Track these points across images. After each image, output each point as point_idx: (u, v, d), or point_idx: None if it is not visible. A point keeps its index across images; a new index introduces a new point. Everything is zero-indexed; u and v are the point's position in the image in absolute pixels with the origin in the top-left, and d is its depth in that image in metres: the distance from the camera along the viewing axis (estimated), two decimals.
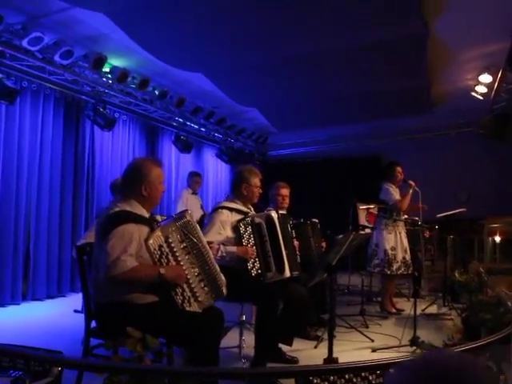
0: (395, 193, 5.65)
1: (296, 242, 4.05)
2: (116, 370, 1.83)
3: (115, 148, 7.62)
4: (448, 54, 6.39)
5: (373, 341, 4.37)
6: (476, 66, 6.80)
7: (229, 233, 3.60)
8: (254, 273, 3.52)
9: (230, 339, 3.90)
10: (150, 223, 2.63)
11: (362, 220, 7.71)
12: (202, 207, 7.46)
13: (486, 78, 6.88)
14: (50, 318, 5.33)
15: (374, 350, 4.08)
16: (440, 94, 7.95)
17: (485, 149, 8.92)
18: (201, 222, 5.24)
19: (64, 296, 6.47)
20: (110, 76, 6.64)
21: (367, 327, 4.93)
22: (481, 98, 7.46)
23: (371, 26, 5.44)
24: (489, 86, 7.12)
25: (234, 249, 3.52)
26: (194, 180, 7.48)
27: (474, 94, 7.39)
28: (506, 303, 3.72)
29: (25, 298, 5.97)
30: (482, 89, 7.23)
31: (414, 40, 5.71)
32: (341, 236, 3.04)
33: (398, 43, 5.78)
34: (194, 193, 7.44)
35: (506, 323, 3.48)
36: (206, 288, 2.64)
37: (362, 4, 4.96)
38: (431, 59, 6.34)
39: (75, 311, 4.99)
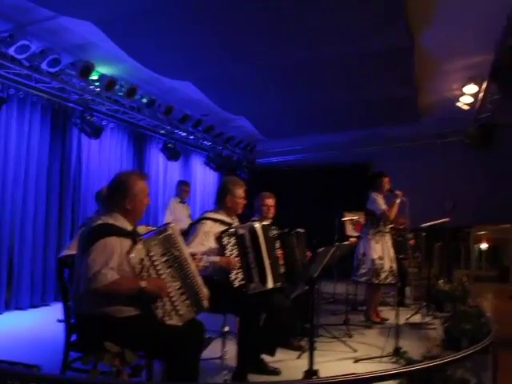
0: (382, 202, 5.69)
1: (280, 253, 4.07)
2: None
3: (102, 156, 7.60)
4: (434, 65, 6.48)
5: (356, 351, 4.39)
6: (461, 76, 6.89)
7: (212, 244, 3.61)
8: (236, 284, 3.53)
9: (212, 350, 3.89)
10: (133, 236, 2.64)
11: (349, 229, 7.77)
12: (190, 216, 7.44)
13: (471, 88, 6.97)
14: (32, 328, 5.27)
15: (356, 361, 4.09)
16: (427, 104, 8.04)
17: (470, 157, 9.04)
18: (189, 230, 5.23)
19: (48, 305, 6.40)
20: (97, 84, 6.64)
21: (351, 337, 4.95)
22: (466, 107, 7.56)
23: (359, 37, 5.50)
24: (474, 96, 7.23)
25: (216, 259, 3.53)
26: (182, 189, 7.46)
27: (459, 104, 7.49)
28: (486, 314, 3.76)
29: (8, 307, 5.90)
30: (467, 99, 7.33)
31: (400, 51, 5.77)
32: (321, 249, 3.05)
33: (385, 54, 5.84)
34: (182, 201, 7.42)
35: (485, 334, 3.52)
36: (187, 301, 2.65)
37: (350, 16, 5.01)
38: (418, 70, 6.41)
39: (58, 320, 4.93)
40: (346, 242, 4.74)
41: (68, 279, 2.79)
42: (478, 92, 7.08)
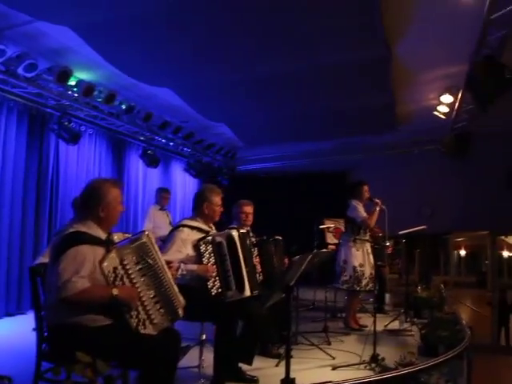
0: (363, 210, 5.75)
1: (257, 260, 4.07)
2: None
3: (81, 162, 7.51)
4: (411, 75, 6.58)
5: (334, 358, 4.40)
6: (438, 86, 7.02)
7: (189, 251, 3.59)
8: (214, 292, 3.52)
9: (190, 358, 3.86)
10: (107, 244, 2.60)
11: (329, 237, 7.81)
12: (171, 223, 7.37)
13: (447, 98, 7.09)
14: (6, 337, 5.17)
15: (334, 368, 4.10)
16: (404, 113, 8.15)
17: (447, 166, 9.19)
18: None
19: (24, 314, 6.27)
20: (75, 89, 6.57)
21: (330, 344, 4.96)
22: (443, 117, 7.69)
23: (337, 48, 5.56)
24: (450, 105, 7.35)
25: (194, 267, 3.52)
26: (162, 196, 7.41)
27: (436, 113, 7.61)
28: (461, 320, 3.81)
29: None
30: (443, 108, 7.46)
31: (377, 61, 5.85)
32: (298, 257, 3.06)
33: (362, 64, 5.91)
34: (162, 209, 7.37)
35: (461, 340, 3.57)
36: (161, 310, 2.62)
37: (327, 27, 5.06)
38: (395, 79, 6.50)
39: (34, 329, 4.85)
40: (324, 250, 4.74)
41: (41, 288, 2.74)
42: (454, 102, 7.22)
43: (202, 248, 3.57)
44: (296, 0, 4.61)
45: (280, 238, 4.77)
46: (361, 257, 5.71)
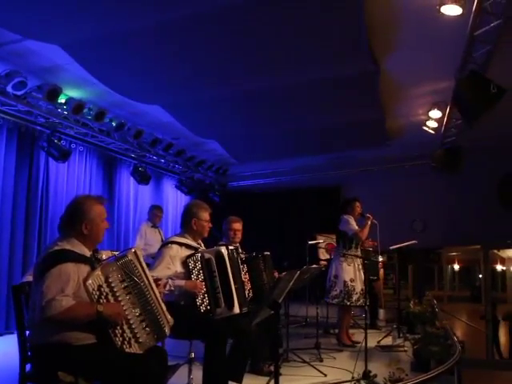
0: (354, 224, 5.76)
1: (246, 277, 4.04)
2: None
3: (71, 180, 7.49)
4: (400, 90, 6.66)
5: (325, 375, 4.34)
6: (426, 101, 7.08)
7: (178, 268, 3.56)
8: (203, 309, 3.48)
9: (179, 377, 3.81)
10: (91, 262, 2.57)
11: (321, 252, 7.80)
12: (163, 240, 7.33)
13: (435, 113, 7.15)
14: None
15: None
16: (395, 128, 8.22)
17: (439, 180, 9.24)
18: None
19: (12, 333, 6.17)
20: (65, 107, 6.58)
21: (321, 361, 4.90)
22: (432, 132, 7.74)
23: (325, 63, 5.62)
24: (439, 120, 7.41)
25: (182, 283, 3.48)
26: (155, 213, 7.37)
27: (425, 128, 7.67)
28: (452, 336, 3.79)
29: None
30: (432, 123, 7.51)
31: (365, 76, 5.91)
32: (284, 274, 3.04)
33: (350, 79, 5.97)
34: (154, 226, 7.33)
35: (452, 355, 3.54)
36: (147, 328, 2.58)
37: (315, 42, 5.12)
38: (384, 94, 6.57)
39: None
40: (313, 266, 4.72)
41: (25, 307, 2.69)
42: (443, 117, 7.28)
43: (191, 265, 3.54)
44: (284, 17, 4.66)
45: (268, 253, 4.75)
46: (352, 272, 5.69)
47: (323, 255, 7.85)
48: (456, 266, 11.98)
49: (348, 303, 5.62)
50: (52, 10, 4.42)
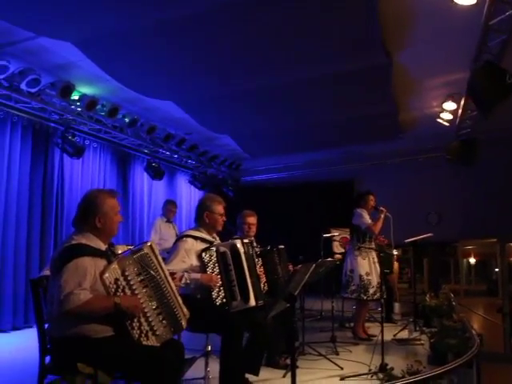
0: (368, 217, 5.73)
1: (261, 270, 4.04)
2: None
3: (85, 176, 7.54)
4: (413, 82, 6.59)
5: (342, 368, 4.33)
6: (440, 93, 7.00)
7: (193, 261, 3.57)
8: (218, 302, 3.48)
9: (195, 370, 3.83)
10: (107, 256, 2.59)
11: (335, 246, 7.77)
12: (177, 235, 7.35)
13: (450, 105, 7.07)
14: (13, 350, 5.17)
15: (342, 378, 4.04)
16: (408, 121, 8.14)
17: (453, 172, 9.13)
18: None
19: (31, 327, 6.25)
20: (78, 104, 6.62)
21: (337, 354, 4.89)
22: (447, 124, 7.66)
23: (337, 57, 5.58)
24: (453, 112, 7.32)
25: (197, 276, 3.49)
26: (169, 208, 7.40)
27: (440, 120, 7.58)
28: (470, 329, 3.75)
29: None
30: (447, 115, 7.43)
31: (378, 70, 5.86)
32: (300, 266, 3.03)
33: (363, 72, 5.92)
34: (169, 221, 7.35)
35: (470, 348, 3.51)
36: (164, 321, 2.59)
37: (328, 36, 5.08)
38: (397, 87, 6.51)
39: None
40: (328, 259, 4.70)
41: (43, 300, 2.72)
42: (457, 108, 7.19)
43: (206, 258, 3.54)
44: (297, 10, 4.63)
45: (283, 246, 4.74)
46: (367, 265, 5.66)
47: (337, 249, 7.82)
48: (472, 260, 11.83)
49: (365, 297, 5.60)
50: (64, 7, 4.43)
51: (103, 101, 6.83)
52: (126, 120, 7.39)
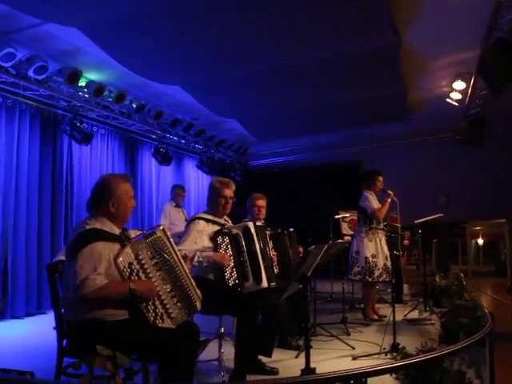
0: (374, 201, 5.69)
1: (274, 253, 4.06)
2: None
3: (94, 162, 7.58)
4: (421, 62, 6.51)
5: (354, 348, 4.37)
6: (449, 73, 6.93)
7: (205, 243, 3.59)
8: (231, 283, 3.51)
9: (209, 352, 3.88)
10: (121, 240, 2.60)
11: (344, 227, 7.77)
12: (186, 220, 7.38)
13: (459, 84, 7.00)
14: (28, 336, 5.24)
15: (354, 358, 4.08)
16: (416, 101, 8.07)
17: (462, 153, 9.07)
18: None
19: (44, 313, 6.34)
20: (86, 90, 6.62)
21: (349, 335, 4.93)
22: (456, 104, 7.58)
23: (345, 37, 5.52)
24: (463, 92, 7.25)
25: (210, 253, 3.50)
26: (177, 193, 7.42)
27: (449, 100, 7.51)
28: (482, 307, 3.76)
29: (3, 316, 5.87)
30: (456, 95, 7.35)
31: (386, 49, 5.80)
32: (313, 247, 3.04)
33: (371, 53, 5.87)
34: (178, 206, 7.37)
35: (482, 327, 3.51)
36: (178, 304, 2.61)
37: (336, 16, 5.03)
38: (405, 67, 6.44)
39: (55, 328, 4.90)
40: (338, 240, 4.72)
41: (59, 285, 2.75)
42: (467, 88, 7.11)
43: (219, 240, 3.57)
44: None
45: (293, 229, 4.75)
46: (373, 247, 5.65)
47: (346, 230, 7.82)
48: (480, 241, 11.80)
49: (370, 279, 5.60)
50: None
51: (110, 87, 6.82)
52: (134, 106, 7.39)
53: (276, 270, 4.04)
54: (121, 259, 2.46)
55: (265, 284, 3.58)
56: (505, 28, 4.97)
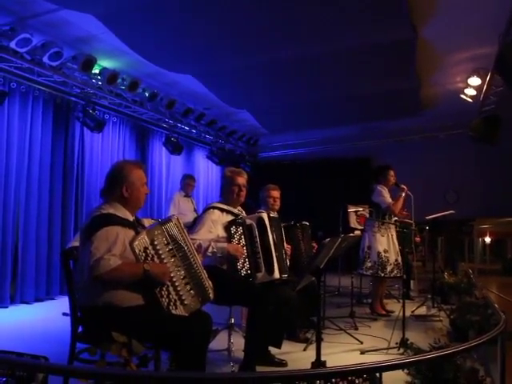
0: (388, 196, 5.66)
1: (288, 246, 4.05)
2: (100, 376, 1.81)
3: (105, 150, 7.58)
4: (437, 57, 6.44)
5: (362, 343, 4.38)
6: (465, 68, 6.85)
7: (220, 232, 3.60)
8: (243, 273, 3.52)
9: (218, 342, 3.90)
10: (135, 226, 2.62)
11: (353, 222, 7.73)
12: (195, 210, 7.39)
13: (475, 80, 6.92)
14: (38, 321, 5.29)
15: (362, 352, 4.08)
16: (429, 97, 8.00)
17: (473, 151, 9.01)
18: (194, 224, 5.21)
19: (53, 299, 6.41)
20: (99, 77, 6.61)
21: (357, 329, 4.93)
22: (470, 100, 7.51)
23: (361, 30, 5.47)
24: (478, 88, 7.17)
25: (224, 245, 3.52)
26: (187, 182, 7.42)
27: (463, 96, 7.44)
28: (494, 305, 3.74)
29: (13, 301, 5.91)
30: (471, 91, 7.28)
31: (402, 43, 5.76)
32: (328, 239, 3.04)
33: (387, 46, 5.83)
34: (187, 195, 7.37)
35: (493, 325, 3.50)
36: (192, 291, 2.63)
37: (351, 8, 4.98)
38: (420, 62, 6.38)
39: (64, 314, 4.94)
40: (351, 234, 4.70)
41: (73, 270, 2.77)
42: (482, 84, 7.03)
43: (233, 230, 3.57)
44: None
45: (307, 223, 4.74)
46: (385, 242, 5.63)
47: (354, 224, 7.79)
48: (487, 239, 11.72)
49: (382, 274, 5.58)
50: None
51: (123, 75, 6.80)
52: (146, 94, 7.37)
53: (288, 262, 4.04)
54: (136, 243, 2.48)
55: (277, 275, 3.58)
56: None
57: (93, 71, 6.38)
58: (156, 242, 2.55)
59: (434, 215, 6.24)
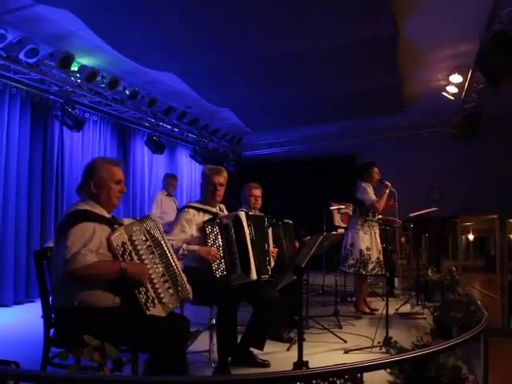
0: (372, 193, 5.64)
1: (272, 247, 3.98)
2: (73, 381, 1.73)
3: (85, 149, 7.45)
4: (419, 55, 6.44)
5: (346, 342, 4.33)
6: (446, 66, 6.87)
7: (194, 232, 3.53)
8: (218, 274, 3.43)
9: (200, 343, 3.82)
10: (111, 223, 2.55)
11: (337, 220, 7.72)
12: (177, 209, 7.31)
13: (456, 78, 6.95)
14: (14, 324, 5.16)
15: (346, 352, 4.04)
16: (412, 94, 8.02)
17: (457, 148, 9.06)
18: None
19: (32, 301, 6.25)
20: (78, 75, 6.49)
21: (341, 328, 4.89)
22: (452, 98, 7.54)
23: (343, 27, 5.43)
24: (459, 86, 7.20)
25: (195, 247, 3.44)
26: (169, 182, 7.36)
27: (445, 93, 7.46)
28: (477, 302, 3.73)
29: None
30: (452, 89, 7.31)
31: (384, 40, 5.73)
32: (308, 238, 2.98)
33: (368, 43, 5.80)
34: (170, 195, 7.32)
35: (476, 322, 3.48)
36: (170, 290, 2.55)
37: (334, 5, 4.94)
38: (403, 59, 6.38)
39: (43, 317, 4.82)
40: (334, 232, 4.66)
41: (47, 271, 2.67)
42: (464, 82, 7.07)
43: (208, 229, 3.49)
44: None
45: (290, 221, 4.68)
46: (368, 240, 5.62)
47: (338, 223, 7.77)
48: (471, 236, 11.80)
49: (364, 272, 5.58)
50: None
51: (103, 72, 6.68)
52: (127, 92, 7.26)
53: (268, 262, 3.97)
54: (114, 237, 2.42)
55: (254, 276, 3.49)
56: (505, 20, 4.91)
57: (71, 68, 6.25)
58: (134, 238, 2.50)
59: (418, 213, 6.23)
